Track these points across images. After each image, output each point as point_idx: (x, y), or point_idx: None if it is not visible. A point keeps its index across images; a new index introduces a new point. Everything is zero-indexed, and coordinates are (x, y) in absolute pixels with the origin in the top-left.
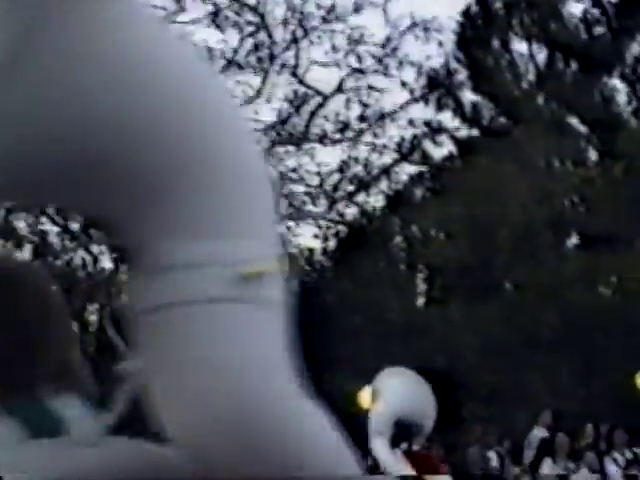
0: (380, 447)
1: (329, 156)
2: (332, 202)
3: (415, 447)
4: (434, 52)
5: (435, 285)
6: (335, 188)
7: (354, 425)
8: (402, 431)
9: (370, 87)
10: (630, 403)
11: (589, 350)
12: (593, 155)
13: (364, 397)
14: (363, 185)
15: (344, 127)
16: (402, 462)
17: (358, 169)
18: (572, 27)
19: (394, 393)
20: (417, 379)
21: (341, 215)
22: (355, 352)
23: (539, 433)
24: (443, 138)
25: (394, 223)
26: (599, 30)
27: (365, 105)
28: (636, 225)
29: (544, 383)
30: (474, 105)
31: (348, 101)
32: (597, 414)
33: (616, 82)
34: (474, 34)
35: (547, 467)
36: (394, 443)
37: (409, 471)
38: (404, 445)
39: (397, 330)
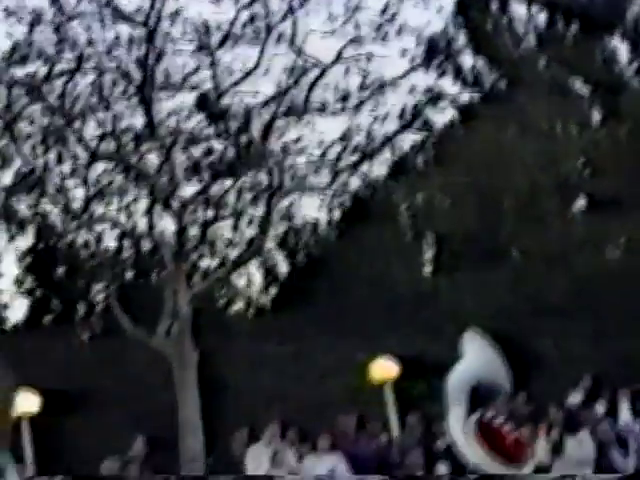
0: (454, 422)
1: (330, 126)
2: (335, 173)
3: (489, 414)
4: (433, 18)
5: (442, 253)
6: (338, 158)
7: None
8: (480, 396)
9: (369, 55)
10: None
11: (599, 314)
12: (597, 117)
13: (375, 368)
14: (366, 155)
15: (344, 97)
16: (474, 437)
17: (360, 139)
18: None
19: (471, 357)
20: (490, 342)
21: (345, 186)
22: (363, 323)
23: (574, 399)
24: (445, 104)
25: (398, 192)
26: None
27: (365, 74)
28: None
29: (555, 349)
30: (475, 70)
31: (347, 70)
32: (609, 379)
33: (617, 42)
34: None
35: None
36: (471, 409)
37: (478, 449)
38: (478, 413)
39: (405, 299)
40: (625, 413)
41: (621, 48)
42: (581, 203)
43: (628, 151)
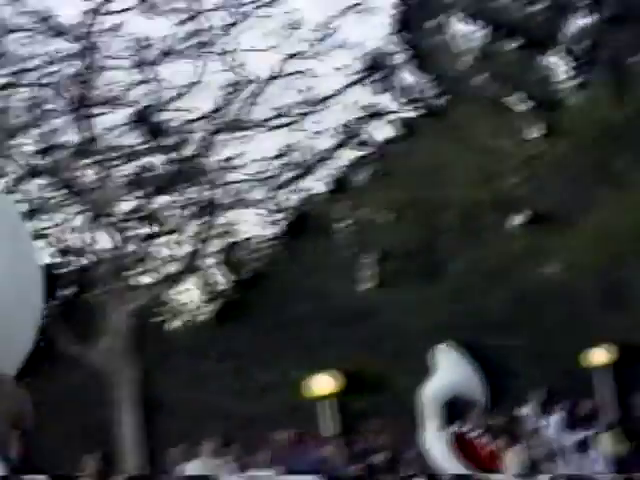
0: (430, 435)
1: (268, 143)
2: (275, 188)
3: (465, 427)
4: (371, 34)
5: (382, 269)
6: (277, 174)
7: None
8: (455, 410)
9: (308, 71)
10: (579, 378)
11: (538, 327)
12: (536, 132)
13: (315, 383)
14: (305, 171)
15: (283, 113)
16: (450, 449)
17: (299, 155)
18: (511, 4)
19: (445, 371)
20: (464, 356)
21: (284, 201)
22: (304, 338)
23: (526, 411)
24: (384, 121)
25: (338, 208)
26: (538, 7)
27: (303, 90)
28: (581, 201)
29: (495, 362)
30: (414, 86)
31: (286, 86)
32: (550, 392)
33: (556, 58)
34: (411, 14)
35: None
36: (448, 423)
37: (455, 460)
38: (455, 426)
39: (345, 315)
40: (557, 427)
41: (560, 65)
42: (521, 218)
43: (567, 167)
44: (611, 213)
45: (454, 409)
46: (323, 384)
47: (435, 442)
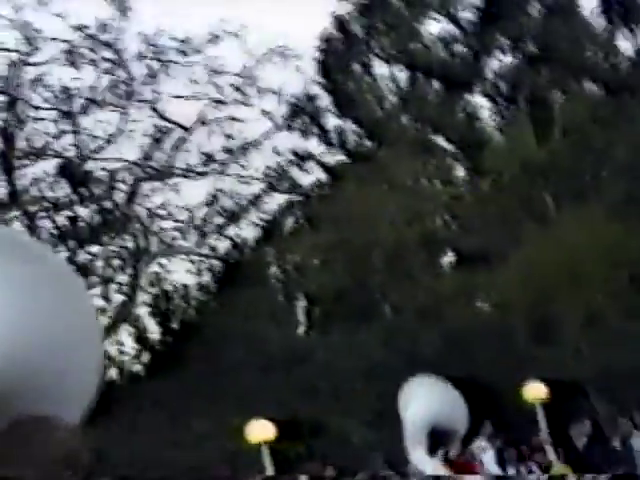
0: (420, 457)
1: (196, 190)
2: (203, 236)
3: (452, 453)
4: (294, 79)
5: (314, 313)
6: (204, 222)
7: None
8: (438, 437)
9: (232, 117)
10: (514, 417)
11: (470, 366)
12: (460, 172)
13: (251, 430)
14: (233, 217)
15: (208, 159)
16: (443, 470)
17: (226, 201)
18: (431, 46)
19: (426, 401)
20: (446, 386)
21: (213, 249)
22: (239, 385)
23: (480, 444)
24: (310, 165)
25: (268, 254)
26: (458, 48)
27: (228, 136)
28: (507, 239)
29: None
30: (339, 130)
31: (210, 133)
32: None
33: (478, 99)
34: (334, 58)
35: None
36: (431, 450)
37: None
38: (441, 452)
39: (279, 361)
40: (491, 462)
41: (482, 104)
42: (449, 258)
43: (492, 205)
44: (537, 250)
45: (436, 437)
46: (259, 430)
47: (425, 463)
